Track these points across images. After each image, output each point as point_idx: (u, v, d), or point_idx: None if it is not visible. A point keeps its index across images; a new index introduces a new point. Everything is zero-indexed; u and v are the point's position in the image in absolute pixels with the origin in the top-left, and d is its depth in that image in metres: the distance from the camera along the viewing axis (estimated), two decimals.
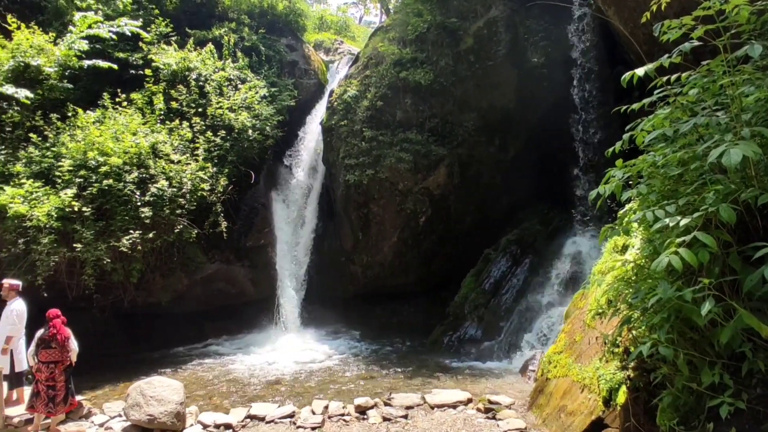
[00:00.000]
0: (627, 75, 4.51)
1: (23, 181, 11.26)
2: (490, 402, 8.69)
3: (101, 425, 7.89)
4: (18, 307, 8.24)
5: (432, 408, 8.71)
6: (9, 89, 12.30)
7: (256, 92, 15.21)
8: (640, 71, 4.40)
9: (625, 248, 7.30)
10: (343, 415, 8.35)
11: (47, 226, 10.71)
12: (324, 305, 15.21)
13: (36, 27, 13.83)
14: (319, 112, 16.33)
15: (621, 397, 5.54)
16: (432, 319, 14.15)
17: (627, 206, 4.98)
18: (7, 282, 8.41)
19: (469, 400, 8.92)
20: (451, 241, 14.83)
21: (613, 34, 12.12)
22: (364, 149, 13.80)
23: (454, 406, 8.76)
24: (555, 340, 9.16)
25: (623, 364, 5.60)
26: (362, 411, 8.47)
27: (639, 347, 4.10)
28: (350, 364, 11.99)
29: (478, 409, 8.60)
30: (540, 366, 9.18)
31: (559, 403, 7.50)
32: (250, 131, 14.34)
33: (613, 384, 5.90)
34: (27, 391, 7.89)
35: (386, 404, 8.76)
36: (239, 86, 15.33)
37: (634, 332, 4.97)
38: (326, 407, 8.53)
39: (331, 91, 15.65)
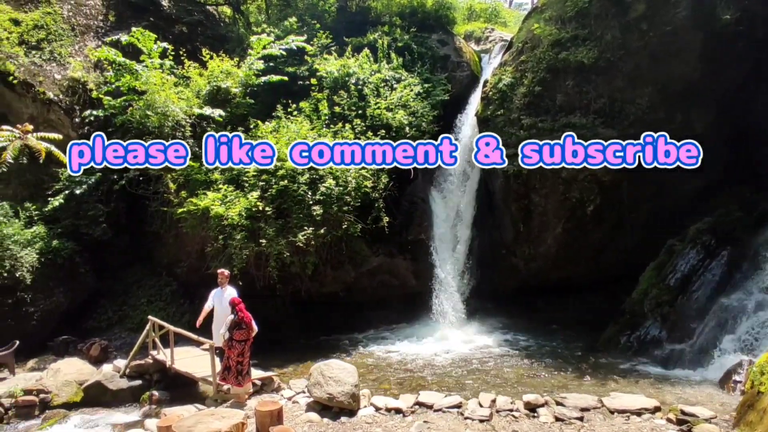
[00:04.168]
0: None
1: (220, 186, 13.05)
2: (683, 413, 7.70)
3: (289, 399, 8.82)
4: (234, 291, 9.61)
5: (611, 413, 8.05)
6: (207, 110, 14.46)
7: (411, 90, 15.57)
8: None
9: None
10: (511, 410, 8.14)
11: (239, 224, 12.26)
12: (484, 298, 15.00)
13: (224, 55, 16.01)
14: (473, 104, 16.09)
15: None
16: (603, 316, 13.02)
17: None
18: (223, 271, 9.92)
19: (657, 409, 8.04)
20: (624, 231, 13.48)
21: None
22: (522, 138, 13.17)
23: (638, 413, 7.98)
24: None
25: None
26: (532, 408, 8.16)
27: None
28: (513, 358, 11.64)
29: (669, 420, 7.69)
30: (749, 377, 7.83)
31: None
32: (407, 128, 14.73)
33: None
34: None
35: (558, 403, 8.32)
36: (395, 86, 15.85)
37: None
38: (493, 401, 8.39)
39: (485, 81, 15.32)
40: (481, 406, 8.23)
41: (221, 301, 9.59)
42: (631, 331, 11.91)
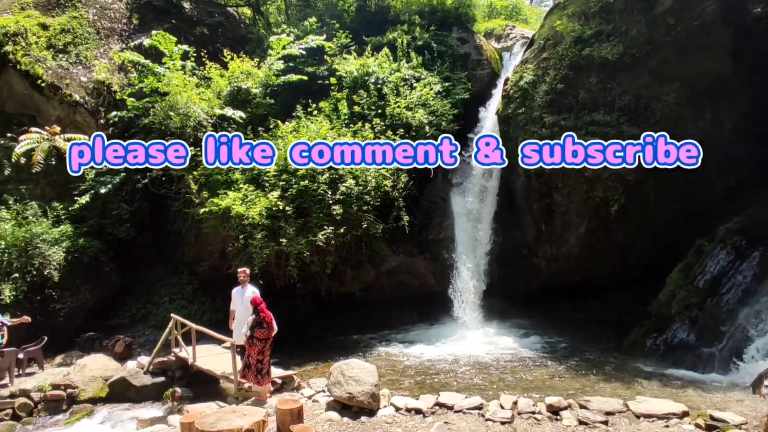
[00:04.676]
0: None
1: (241, 186, 13.14)
2: (713, 418, 7.47)
3: (309, 398, 8.83)
4: (255, 290, 9.67)
5: (637, 417, 7.85)
6: (228, 111, 14.57)
7: (431, 89, 15.46)
8: None
9: None
10: (533, 412, 8.01)
11: (260, 223, 12.33)
12: (505, 298, 14.82)
13: (244, 55, 16.15)
14: (494, 102, 15.90)
15: None
16: (628, 318, 12.76)
17: None
18: (244, 270, 9.99)
19: (685, 414, 7.81)
20: (649, 232, 13.18)
21: None
22: (544, 136, 12.98)
23: (665, 417, 7.76)
24: None
25: None
26: (555, 411, 8.02)
27: None
28: (535, 360, 11.46)
29: (697, 425, 7.46)
30: None
31: None
32: (426, 128, 14.62)
33: None
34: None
35: (582, 407, 8.14)
36: (414, 85, 15.75)
37: None
38: (515, 403, 8.26)
39: (506, 79, 15.15)
40: (502, 407, 8.11)
41: (242, 299, 9.66)
42: (657, 333, 11.62)
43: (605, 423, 7.59)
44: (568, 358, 11.47)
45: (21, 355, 10.57)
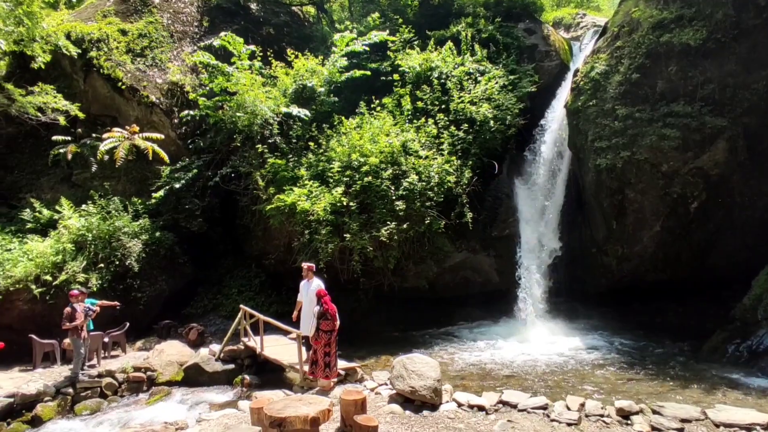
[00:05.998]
0: None
1: (306, 182, 13.42)
2: None
3: (372, 390, 8.93)
4: (321, 284, 9.86)
5: (716, 426, 7.36)
6: (294, 110, 14.94)
7: (496, 82, 15.11)
8: None
9: None
10: (602, 416, 7.70)
11: (324, 219, 12.56)
12: (572, 298, 14.30)
13: (308, 53, 16.49)
14: (562, 95, 15.32)
15: None
16: (708, 323, 11.97)
17: None
18: (307, 265, 10.23)
19: None
20: (734, 231, 12.22)
21: None
22: (617, 129, 12.37)
23: (748, 428, 7.24)
24: None
25: None
26: (625, 415, 7.68)
27: None
28: (603, 362, 11.02)
29: None
30: None
31: None
32: (491, 122, 14.32)
33: None
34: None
35: (655, 412, 7.75)
36: (479, 79, 15.43)
37: None
38: (582, 404, 7.98)
39: (576, 71, 14.53)
40: (568, 409, 7.85)
41: (308, 292, 9.89)
42: (741, 339, 10.80)
43: (680, 431, 7.16)
44: (639, 362, 10.94)
45: (106, 339, 11.45)
